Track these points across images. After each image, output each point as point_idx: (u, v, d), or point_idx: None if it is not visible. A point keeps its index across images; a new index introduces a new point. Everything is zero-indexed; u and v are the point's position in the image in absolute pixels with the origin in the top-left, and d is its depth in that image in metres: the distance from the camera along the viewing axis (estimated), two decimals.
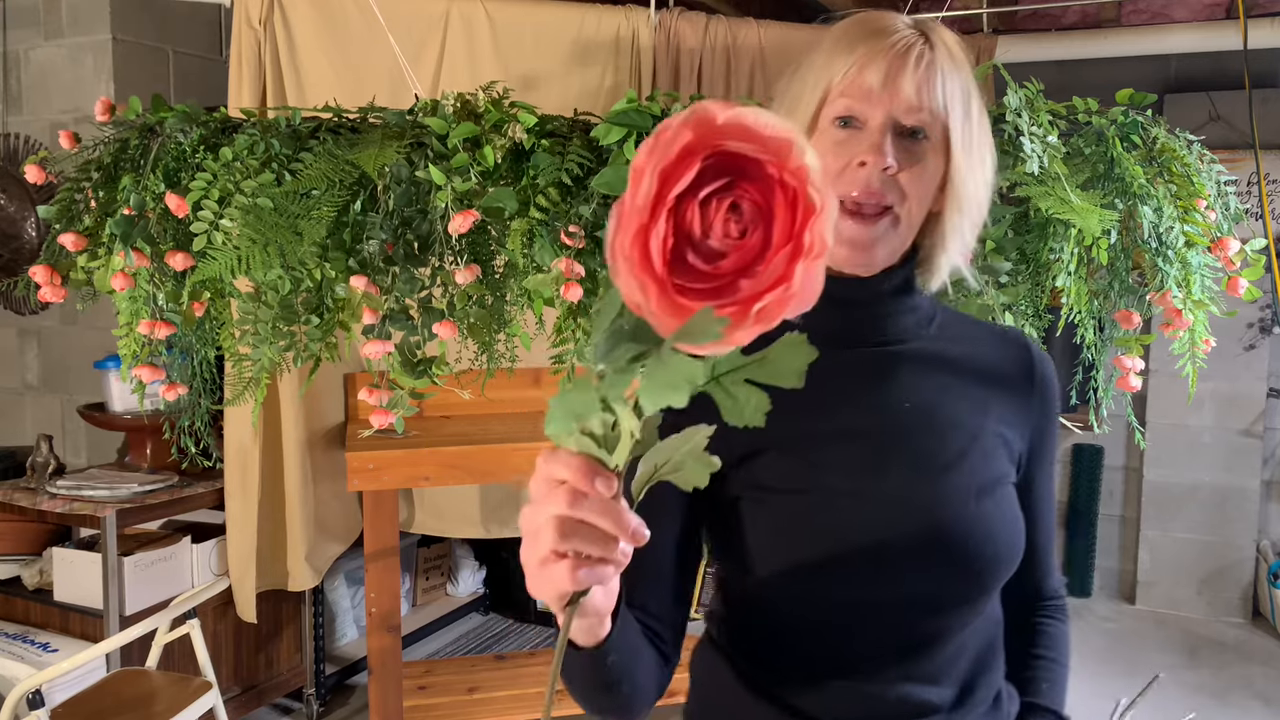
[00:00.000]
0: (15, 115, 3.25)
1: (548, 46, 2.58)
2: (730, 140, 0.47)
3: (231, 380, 1.58)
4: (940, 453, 0.87)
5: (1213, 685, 3.42)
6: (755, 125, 0.47)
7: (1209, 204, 1.51)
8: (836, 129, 0.85)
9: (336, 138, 1.48)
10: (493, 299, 1.56)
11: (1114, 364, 1.60)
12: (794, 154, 0.46)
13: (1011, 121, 1.47)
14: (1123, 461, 4.22)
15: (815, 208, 0.46)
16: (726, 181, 0.47)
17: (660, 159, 0.46)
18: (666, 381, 0.48)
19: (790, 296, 0.46)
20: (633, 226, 0.46)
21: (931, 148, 0.85)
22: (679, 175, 0.46)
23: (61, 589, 2.63)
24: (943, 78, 0.84)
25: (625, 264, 0.47)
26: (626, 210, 0.47)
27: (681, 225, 0.47)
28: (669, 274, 0.47)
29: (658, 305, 0.47)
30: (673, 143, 0.46)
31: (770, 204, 0.47)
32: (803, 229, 0.46)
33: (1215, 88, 3.78)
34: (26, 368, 3.41)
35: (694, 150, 0.46)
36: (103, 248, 1.49)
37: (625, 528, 0.55)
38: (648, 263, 0.47)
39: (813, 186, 0.46)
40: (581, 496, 0.54)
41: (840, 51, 0.85)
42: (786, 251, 0.46)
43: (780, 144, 0.47)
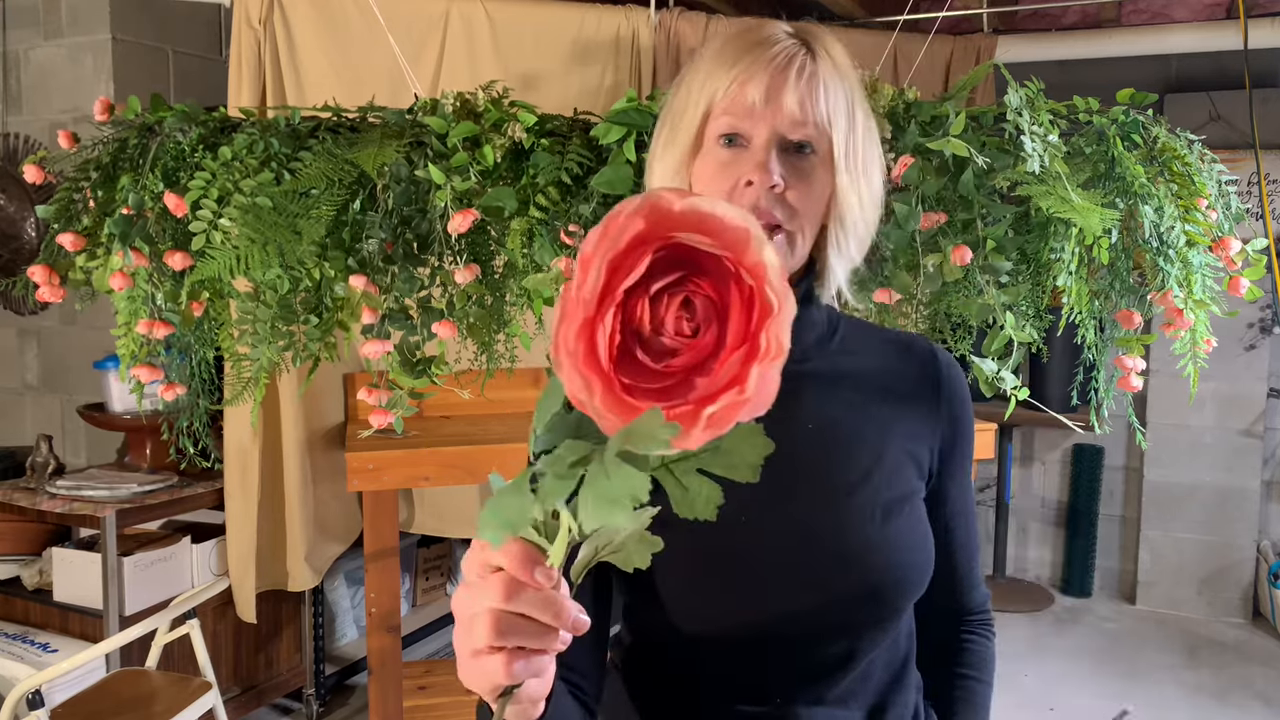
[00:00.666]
0: (15, 115, 3.25)
1: (547, 46, 2.58)
2: (684, 232, 0.44)
3: (230, 380, 1.58)
4: (844, 474, 0.86)
5: (1213, 686, 3.41)
6: (711, 216, 0.44)
7: (1210, 204, 1.50)
8: (720, 148, 0.83)
9: (336, 137, 1.48)
10: (492, 299, 1.56)
11: (1115, 364, 1.59)
12: (751, 249, 0.44)
13: (1012, 121, 1.46)
14: (1123, 461, 4.22)
15: (772, 308, 0.44)
16: (679, 276, 0.45)
17: (609, 249, 0.44)
18: (609, 496, 0.45)
19: (744, 401, 0.43)
20: (578, 319, 0.44)
21: (820, 161, 0.83)
22: (629, 267, 0.44)
23: (61, 589, 2.63)
24: (825, 89, 0.82)
25: (569, 358, 0.44)
26: (572, 301, 0.44)
27: (630, 320, 0.45)
28: (615, 371, 0.44)
29: (603, 403, 0.44)
30: (623, 232, 0.44)
31: (725, 302, 0.45)
32: (759, 330, 0.44)
33: (1216, 87, 3.78)
34: (26, 368, 3.40)
35: (645, 241, 0.44)
36: (101, 247, 1.49)
37: (566, 620, 0.52)
38: (593, 358, 0.44)
39: (770, 286, 0.44)
40: (519, 588, 0.51)
41: (721, 66, 0.83)
42: (741, 353, 0.44)
43: (737, 237, 0.44)
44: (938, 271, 1.49)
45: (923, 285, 1.50)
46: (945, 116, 1.46)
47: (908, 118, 1.49)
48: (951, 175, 1.47)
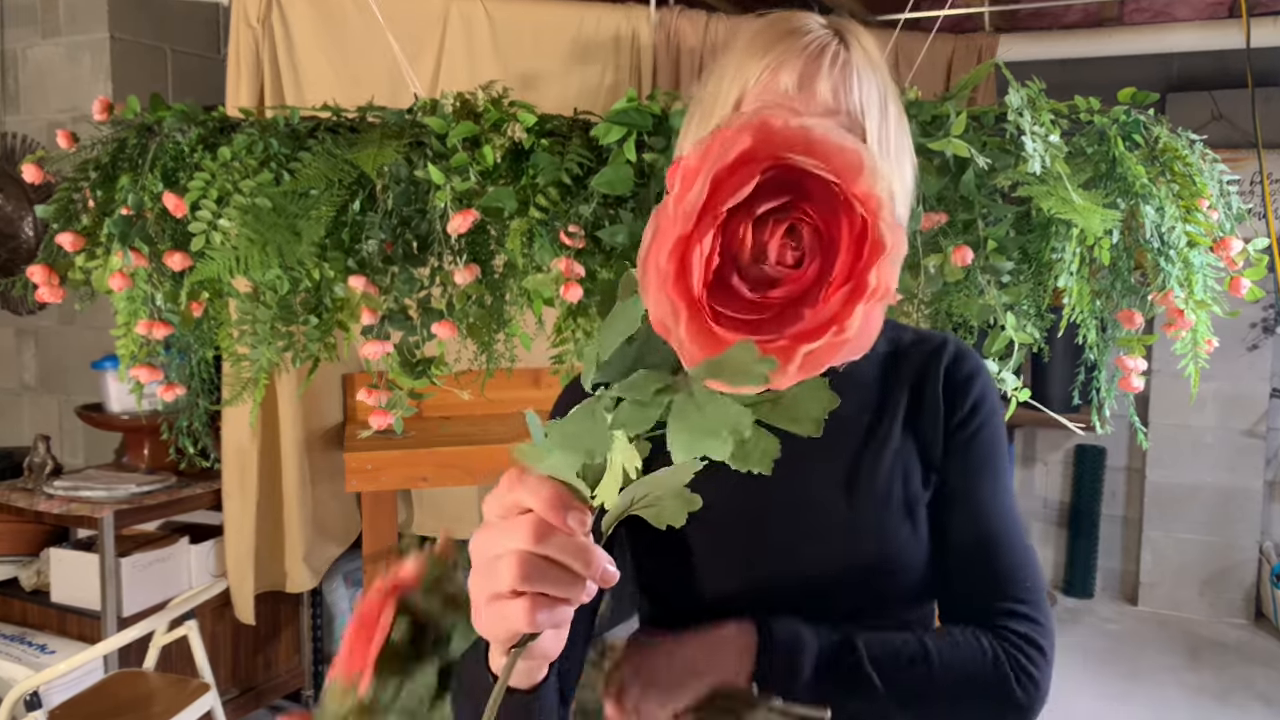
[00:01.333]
0: (13, 114, 3.24)
1: (547, 45, 2.57)
2: (795, 153, 0.40)
3: (229, 380, 1.58)
4: (849, 465, 0.86)
5: (1214, 686, 3.41)
6: (825, 140, 0.41)
7: (1211, 203, 1.50)
8: None
9: (335, 137, 1.47)
10: (492, 299, 1.55)
11: (1116, 364, 1.59)
12: (864, 178, 0.40)
13: (1013, 120, 1.46)
14: (1125, 462, 4.21)
15: (884, 245, 0.40)
16: (785, 201, 0.41)
17: (714, 163, 0.40)
18: (705, 428, 0.42)
19: (844, 341, 0.40)
20: (672, 236, 0.40)
21: None
22: (735, 185, 0.40)
23: (59, 590, 2.62)
24: (859, 78, 0.81)
25: (658, 278, 0.41)
26: (669, 216, 0.40)
27: (730, 244, 0.41)
28: (708, 297, 0.41)
29: (689, 332, 0.41)
30: (730, 146, 0.40)
31: (834, 233, 0.41)
32: (868, 267, 0.40)
33: (1218, 86, 3.77)
34: (24, 368, 3.40)
35: (753, 158, 0.40)
36: (100, 247, 1.48)
37: (596, 569, 0.49)
38: (685, 280, 0.40)
39: (883, 220, 0.40)
40: (550, 531, 0.48)
41: (754, 55, 0.82)
42: (846, 290, 0.41)
43: (851, 166, 0.41)
44: (939, 272, 1.49)
45: (924, 285, 1.50)
46: (946, 116, 1.46)
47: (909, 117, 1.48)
48: (952, 175, 1.47)
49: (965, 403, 0.88)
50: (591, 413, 0.45)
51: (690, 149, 0.41)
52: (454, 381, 1.61)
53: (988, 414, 0.89)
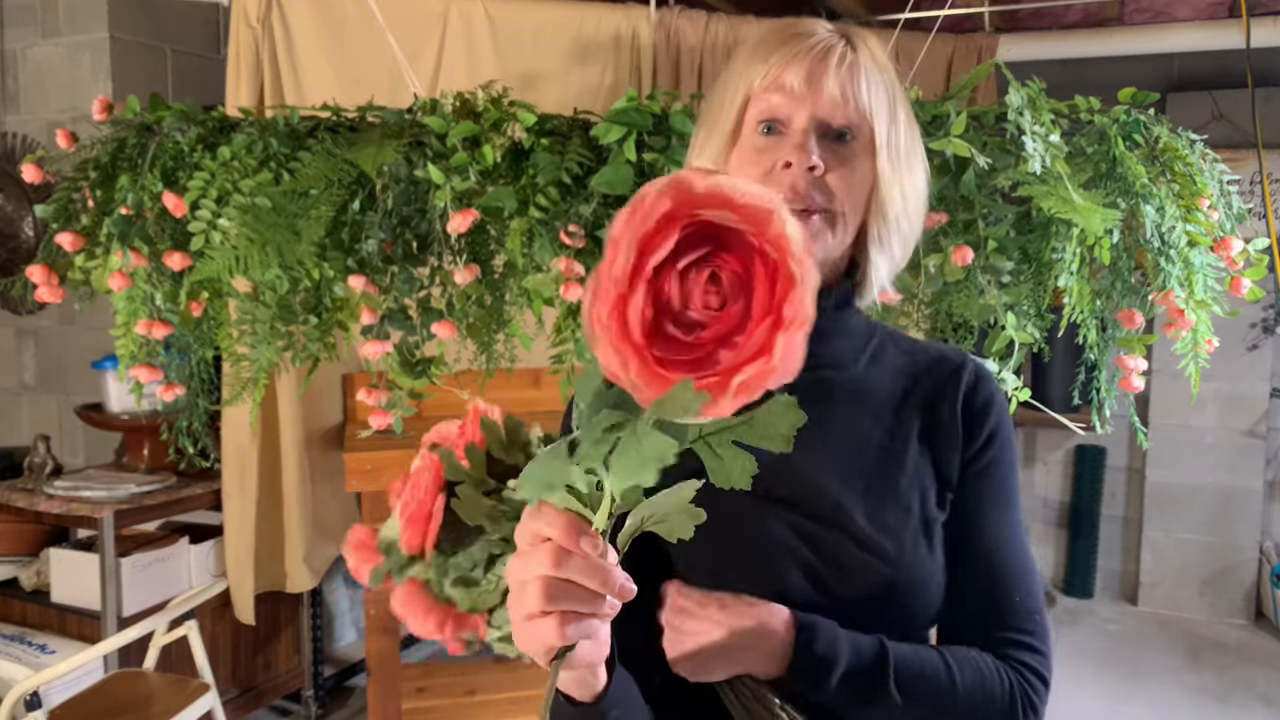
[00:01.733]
0: (13, 114, 3.24)
1: (547, 45, 2.57)
2: (709, 209, 0.46)
3: (229, 380, 1.58)
4: (863, 487, 0.83)
5: (1215, 687, 3.41)
6: (734, 194, 0.46)
7: (1212, 203, 1.50)
8: (759, 135, 0.82)
9: (335, 137, 1.47)
10: (492, 299, 1.55)
11: (1116, 364, 1.59)
12: (774, 223, 0.46)
13: (1013, 120, 1.46)
14: (1125, 462, 4.21)
15: (795, 280, 0.45)
16: (705, 251, 0.47)
17: (638, 228, 0.45)
18: (638, 458, 0.48)
19: (771, 369, 0.45)
20: (610, 297, 0.46)
21: (861, 149, 0.81)
22: (657, 245, 0.46)
23: (59, 590, 2.62)
24: (866, 78, 0.81)
25: (603, 334, 0.46)
26: (603, 280, 0.46)
27: (660, 296, 0.47)
28: (648, 345, 0.47)
29: (638, 376, 0.46)
30: (651, 211, 0.45)
31: (750, 275, 0.47)
32: (783, 301, 0.46)
33: (1218, 86, 3.77)
34: (24, 368, 3.40)
35: (672, 219, 0.46)
36: (100, 247, 1.48)
37: (612, 586, 0.55)
38: (626, 333, 0.46)
39: (793, 258, 0.45)
40: (567, 555, 0.54)
41: (759, 57, 0.82)
42: (767, 324, 0.46)
43: (760, 213, 0.46)
44: (939, 272, 1.48)
45: (924, 285, 1.50)
46: (946, 116, 1.46)
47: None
48: (953, 175, 1.47)
49: (982, 433, 0.87)
50: (556, 451, 0.52)
51: (616, 218, 0.46)
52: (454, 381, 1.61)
53: (1003, 443, 0.88)
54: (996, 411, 0.89)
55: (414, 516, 0.70)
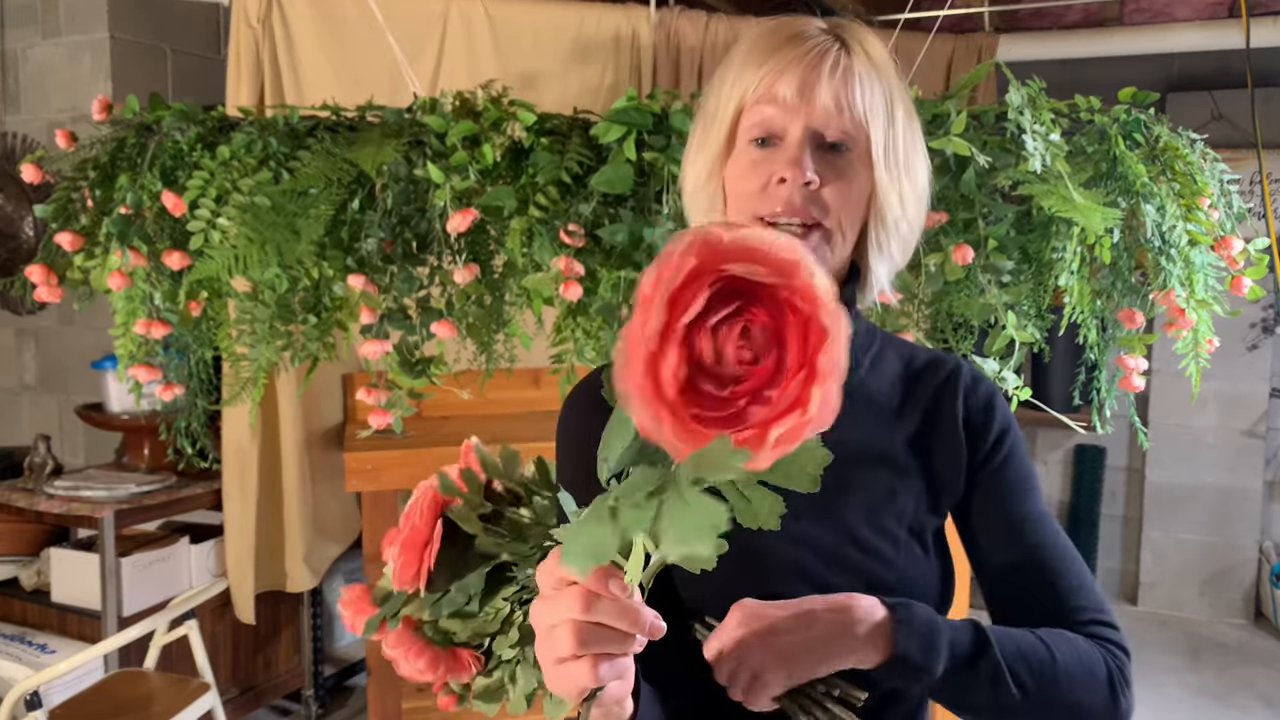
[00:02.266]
0: (13, 114, 3.24)
1: (547, 45, 2.57)
2: (736, 264, 0.46)
3: (229, 380, 1.58)
4: (859, 496, 0.82)
5: (1215, 687, 3.41)
6: (761, 247, 0.46)
7: (1212, 203, 1.50)
8: (754, 148, 0.80)
9: (335, 136, 1.47)
10: (491, 298, 1.55)
11: (1117, 364, 1.59)
12: (801, 274, 0.46)
13: (1014, 120, 1.46)
14: (1125, 462, 4.21)
15: (828, 332, 0.45)
16: (736, 306, 0.47)
17: (667, 286, 0.46)
18: (692, 526, 0.46)
19: (808, 421, 0.45)
20: (642, 356, 0.46)
21: (857, 159, 0.80)
22: (687, 302, 0.46)
23: (59, 590, 2.62)
24: (861, 85, 0.79)
25: (637, 394, 0.46)
26: (634, 340, 0.46)
27: (693, 353, 0.47)
28: (683, 403, 0.46)
29: (673, 434, 0.46)
30: (678, 270, 0.45)
31: (782, 328, 0.47)
32: (816, 353, 0.46)
33: (1218, 86, 3.77)
34: (24, 368, 3.40)
35: (700, 275, 0.46)
36: (99, 247, 1.48)
37: (643, 626, 0.55)
38: (659, 393, 0.46)
39: (824, 309, 0.46)
40: (595, 599, 0.54)
41: (751, 64, 0.80)
42: (801, 376, 0.46)
43: (787, 265, 0.46)
44: (939, 271, 1.48)
45: (924, 285, 1.50)
46: (947, 115, 1.46)
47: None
48: (953, 174, 1.47)
49: (990, 433, 0.86)
50: (597, 515, 0.50)
51: (644, 277, 0.46)
52: (454, 381, 1.61)
53: (1014, 438, 0.88)
54: (999, 409, 0.88)
55: (409, 542, 0.70)
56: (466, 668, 0.78)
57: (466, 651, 0.78)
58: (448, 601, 0.71)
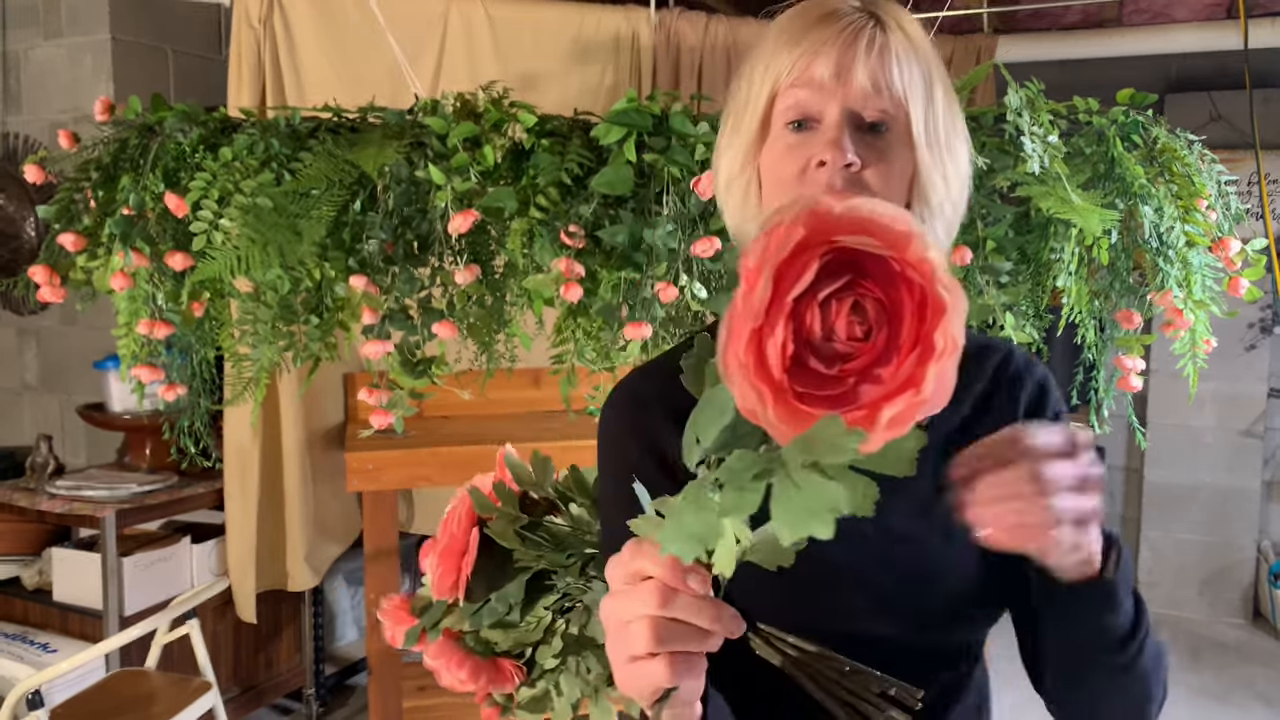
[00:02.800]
0: (15, 115, 3.25)
1: (547, 46, 2.57)
2: (847, 234, 0.43)
3: (231, 380, 1.58)
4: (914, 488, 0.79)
5: (1214, 687, 3.41)
6: (873, 217, 0.43)
7: (1210, 204, 1.51)
8: (790, 132, 0.77)
9: (336, 137, 1.48)
10: (492, 299, 1.56)
11: (1115, 364, 1.59)
12: (915, 247, 0.43)
13: (1012, 121, 1.46)
14: (1123, 462, 4.22)
15: (945, 305, 0.43)
16: (846, 280, 0.44)
17: (774, 257, 0.43)
18: (805, 508, 0.44)
19: (922, 401, 0.43)
20: (746, 331, 0.43)
21: (897, 139, 0.76)
22: (796, 275, 0.43)
23: (61, 589, 2.63)
24: (899, 62, 0.75)
25: (740, 370, 0.44)
26: (739, 314, 0.44)
27: (801, 328, 0.44)
28: (789, 380, 0.44)
29: (776, 414, 0.44)
30: (786, 240, 0.43)
31: (896, 302, 0.44)
32: (932, 329, 0.43)
33: (1216, 87, 3.78)
34: (26, 368, 3.40)
35: (809, 247, 0.44)
36: (102, 247, 1.49)
37: (724, 622, 0.53)
38: (765, 369, 0.44)
39: (940, 283, 0.43)
40: (673, 594, 0.52)
41: (784, 45, 0.77)
42: (916, 354, 0.44)
43: (901, 237, 0.43)
44: None
45: None
46: None
47: None
48: None
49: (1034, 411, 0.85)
50: (697, 500, 0.48)
51: (748, 250, 0.43)
52: (454, 381, 1.61)
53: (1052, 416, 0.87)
54: (1051, 393, 0.86)
55: (447, 551, 0.69)
56: (509, 678, 0.77)
57: (508, 661, 0.77)
58: (488, 611, 0.70)
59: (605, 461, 0.87)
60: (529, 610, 0.72)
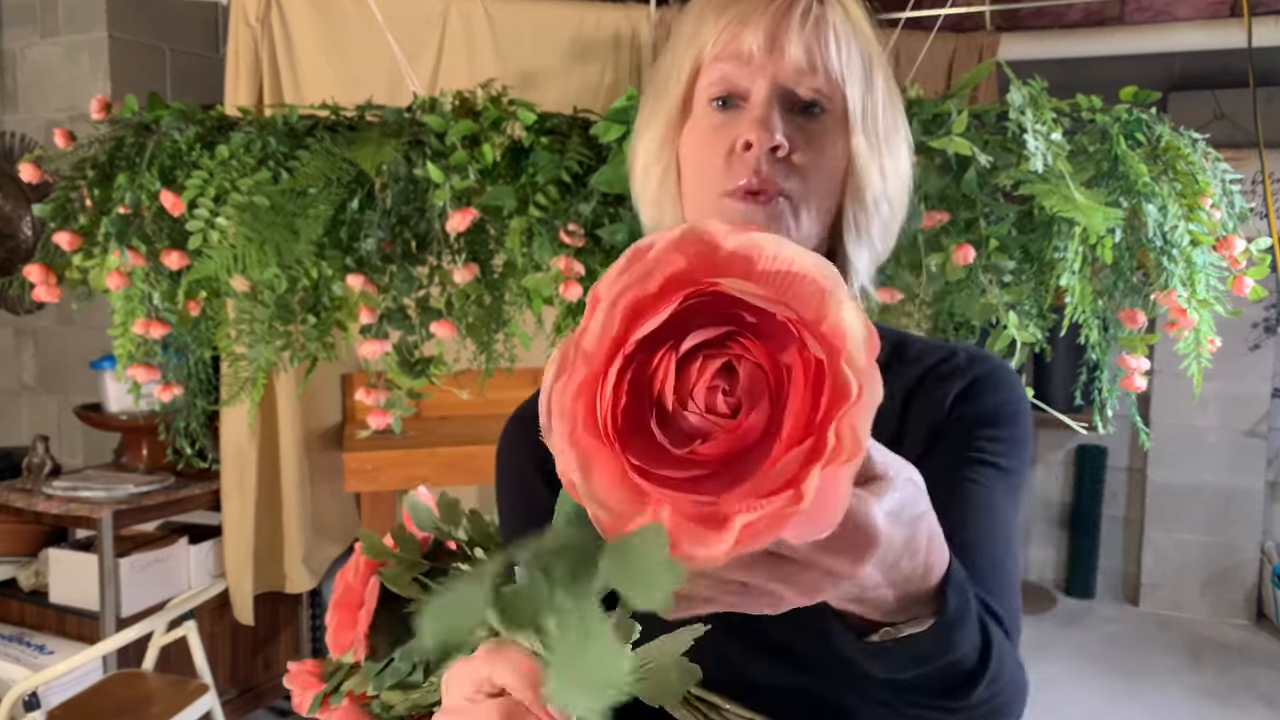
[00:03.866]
0: (11, 113, 3.24)
1: (547, 44, 2.57)
2: (735, 278, 0.33)
3: (228, 380, 1.57)
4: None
5: (1216, 687, 3.40)
6: (774, 261, 0.33)
7: (1214, 202, 1.50)
8: (714, 110, 0.69)
9: (334, 135, 1.47)
10: (491, 298, 1.55)
11: (1118, 364, 1.58)
12: (828, 306, 0.32)
13: (1015, 119, 1.45)
14: (1126, 462, 4.21)
15: (849, 392, 0.31)
16: (723, 332, 0.33)
17: (635, 288, 0.33)
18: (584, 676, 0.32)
19: (796, 513, 0.31)
20: (579, 375, 0.33)
21: (833, 123, 0.69)
22: (650, 313, 0.33)
23: (57, 590, 2.62)
24: (837, 39, 0.68)
25: (560, 423, 0.33)
26: (570, 350, 0.33)
27: (646, 383, 0.33)
28: (620, 447, 0.33)
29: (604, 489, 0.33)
30: (655, 268, 0.33)
31: (781, 375, 0.33)
32: (827, 420, 0.32)
33: (1220, 86, 3.77)
34: (22, 368, 3.39)
35: (682, 283, 0.33)
36: (98, 246, 1.48)
37: None
38: (593, 425, 0.33)
39: (847, 360, 0.32)
40: (525, 715, 0.41)
41: (710, 14, 0.69)
42: (802, 450, 0.32)
43: (806, 290, 0.32)
44: (940, 271, 1.48)
45: (925, 285, 1.49)
46: (948, 115, 1.45)
47: (910, 116, 1.47)
48: (954, 174, 1.46)
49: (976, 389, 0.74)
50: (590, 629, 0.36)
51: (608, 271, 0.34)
52: (453, 381, 1.60)
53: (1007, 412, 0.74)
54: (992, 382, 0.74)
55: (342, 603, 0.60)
56: None
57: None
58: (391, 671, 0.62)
59: (500, 489, 0.79)
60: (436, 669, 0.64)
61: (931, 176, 1.44)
